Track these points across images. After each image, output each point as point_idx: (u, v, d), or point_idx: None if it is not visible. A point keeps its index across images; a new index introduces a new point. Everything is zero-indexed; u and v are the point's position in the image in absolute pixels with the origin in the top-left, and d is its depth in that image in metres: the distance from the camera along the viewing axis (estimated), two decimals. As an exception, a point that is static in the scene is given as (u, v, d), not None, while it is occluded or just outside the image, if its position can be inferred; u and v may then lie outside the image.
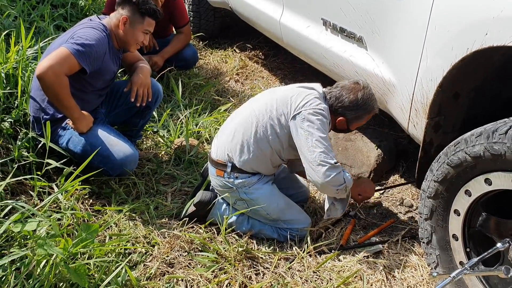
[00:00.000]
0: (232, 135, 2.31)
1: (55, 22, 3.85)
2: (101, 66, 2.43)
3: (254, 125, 2.26)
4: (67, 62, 2.24)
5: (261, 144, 2.25)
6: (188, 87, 3.77)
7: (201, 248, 2.23)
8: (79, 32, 2.36)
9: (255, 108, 2.31)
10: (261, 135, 2.25)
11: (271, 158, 2.31)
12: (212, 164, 2.38)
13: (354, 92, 2.27)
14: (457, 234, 1.85)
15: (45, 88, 2.25)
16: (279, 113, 2.23)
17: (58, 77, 2.22)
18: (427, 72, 1.99)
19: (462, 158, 1.71)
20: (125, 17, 2.49)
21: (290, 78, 4.23)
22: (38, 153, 2.47)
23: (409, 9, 2.07)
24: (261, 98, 2.37)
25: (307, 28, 2.93)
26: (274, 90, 2.42)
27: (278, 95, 2.30)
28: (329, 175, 2.09)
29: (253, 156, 2.27)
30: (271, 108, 2.26)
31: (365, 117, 2.33)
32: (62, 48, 2.27)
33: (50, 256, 1.74)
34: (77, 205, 2.35)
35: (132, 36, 2.53)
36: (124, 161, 2.45)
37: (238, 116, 2.39)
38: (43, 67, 2.19)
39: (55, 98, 2.30)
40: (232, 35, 5.01)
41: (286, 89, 2.35)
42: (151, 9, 2.53)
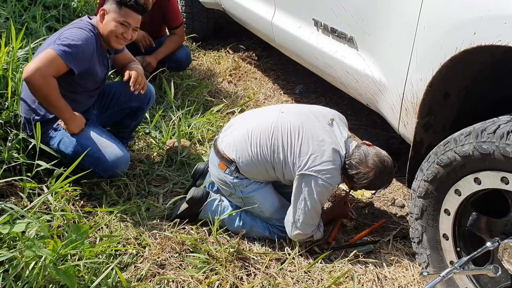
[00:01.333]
0: (246, 140, 2.27)
1: (47, 24, 3.83)
2: (89, 66, 2.41)
3: (270, 149, 2.23)
4: (54, 64, 2.23)
5: (267, 165, 2.25)
6: (181, 88, 3.76)
7: (192, 249, 2.22)
8: (65, 33, 2.34)
9: (278, 131, 2.24)
10: (271, 160, 2.24)
11: (273, 177, 2.33)
12: (216, 154, 2.35)
13: (369, 179, 2.20)
14: (448, 233, 1.85)
15: (34, 90, 2.24)
16: (294, 161, 2.18)
17: (45, 79, 2.20)
18: (417, 71, 2.00)
19: (452, 157, 1.72)
20: (103, 10, 2.45)
21: (283, 79, 4.23)
22: (29, 154, 2.46)
23: (399, 9, 2.08)
24: (288, 121, 2.26)
25: (299, 28, 2.93)
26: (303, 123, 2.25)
27: (303, 136, 2.20)
28: (297, 237, 2.27)
29: (257, 170, 2.28)
30: (289, 147, 2.20)
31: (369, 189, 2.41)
32: (48, 49, 2.25)
33: (39, 257, 1.72)
34: (68, 207, 2.34)
35: (108, 26, 2.43)
36: (115, 163, 2.43)
37: (259, 123, 2.32)
38: (30, 69, 2.18)
39: (45, 100, 2.28)
40: (225, 36, 5.01)
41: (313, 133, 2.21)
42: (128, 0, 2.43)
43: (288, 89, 4.06)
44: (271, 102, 3.81)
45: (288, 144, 2.21)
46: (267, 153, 2.23)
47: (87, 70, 2.41)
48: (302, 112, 2.35)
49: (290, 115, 2.31)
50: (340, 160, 2.20)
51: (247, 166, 2.27)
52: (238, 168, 2.28)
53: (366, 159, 2.20)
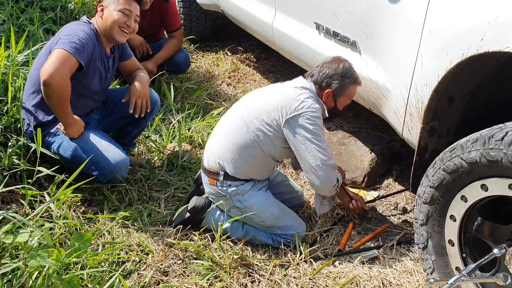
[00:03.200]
0: (221, 142, 2.29)
1: (45, 26, 3.80)
2: (91, 61, 2.39)
3: (244, 131, 2.23)
4: (68, 63, 2.21)
5: (252, 150, 2.23)
6: (180, 91, 3.74)
7: (195, 256, 2.21)
8: (65, 32, 2.34)
9: (243, 114, 2.27)
10: (252, 141, 2.22)
11: (264, 163, 2.30)
12: (204, 173, 2.36)
13: (335, 62, 2.30)
14: (453, 239, 1.85)
15: (51, 93, 2.21)
16: (270, 119, 2.20)
17: (64, 81, 2.20)
18: (422, 77, 1.99)
19: (458, 164, 1.71)
20: (101, 5, 2.46)
21: (282, 81, 4.15)
22: (30, 159, 2.43)
23: (404, 14, 2.07)
24: (248, 102, 2.34)
25: (300, 32, 2.92)
26: (260, 92, 2.38)
27: (266, 98, 2.27)
28: (328, 177, 2.21)
29: (245, 162, 2.25)
30: (260, 113, 2.22)
31: (350, 88, 2.32)
32: (58, 50, 2.22)
33: (43, 267, 1.70)
34: (69, 213, 2.32)
35: (110, 18, 2.42)
36: (115, 167, 2.41)
37: (226, 123, 2.36)
38: (49, 72, 2.15)
39: (57, 103, 2.25)
40: (223, 37, 4.99)
41: (272, 91, 2.32)
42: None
43: (288, 91, 4.04)
44: (271, 105, 3.79)
45: (257, 111, 2.23)
46: (245, 136, 2.23)
47: (90, 66, 2.39)
48: (255, 91, 2.48)
49: (246, 98, 2.41)
50: (307, 87, 2.27)
51: (233, 165, 2.25)
52: (227, 173, 2.27)
53: (324, 61, 2.34)
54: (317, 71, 2.32)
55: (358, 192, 2.74)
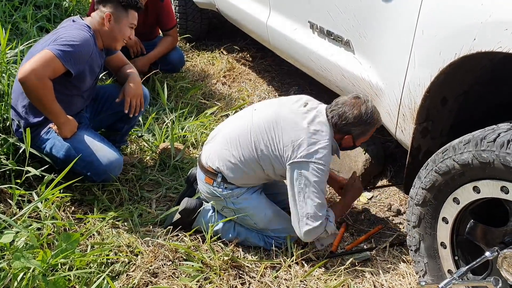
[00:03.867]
0: (226, 149, 2.24)
1: (38, 24, 3.77)
2: (85, 67, 2.37)
3: (251, 148, 2.18)
4: (51, 65, 2.17)
5: (254, 166, 2.20)
6: (174, 90, 3.71)
7: (185, 257, 2.18)
8: (63, 34, 2.29)
9: (256, 125, 2.20)
10: (256, 160, 2.19)
11: (263, 178, 2.29)
12: (201, 170, 2.33)
13: (356, 107, 2.16)
14: (445, 242, 1.83)
15: (28, 92, 2.18)
16: (279, 152, 2.14)
17: (41, 80, 2.14)
18: (415, 77, 1.97)
19: (450, 165, 1.69)
20: (109, 14, 2.43)
21: (278, 80, 4.19)
22: (19, 159, 2.41)
23: (397, 13, 2.05)
24: (264, 119, 2.21)
25: (294, 30, 2.89)
26: (280, 113, 2.21)
27: (282, 126, 2.16)
28: (308, 235, 2.14)
29: (244, 174, 2.22)
30: (272, 134, 2.15)
31: (370, 131, 2.26)
32: (45, 50, 2.19)
33: (28, 269, 1.68)
34: (58, 213, 2.29)
35: (119, 31, 2.47)
36: (108, 167, 2.39)
37: (236, 126, 2.29)
38: (25, 70, 2.12)
39: (39, 103, 2.23)
40: (219, 36, 4.96)
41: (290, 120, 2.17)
42: (132, 1, 2.46)
43: (283, 90, 4.02)
44: (265, 104, 3.76)
45: (269, 138, 2.17)
46: (250, 153, 2.19)
47: (83, 71, 2.36)
48: (275, 103, 2.34)
49: (264, 109, 2.29)
50: (326, 131, 2.15)
51: (232, 173, 2.22)
52: (225, 177, 2.24)
53: (344, 100, 2.20)
54: (337, 113, 2.17)
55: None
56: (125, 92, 2.57)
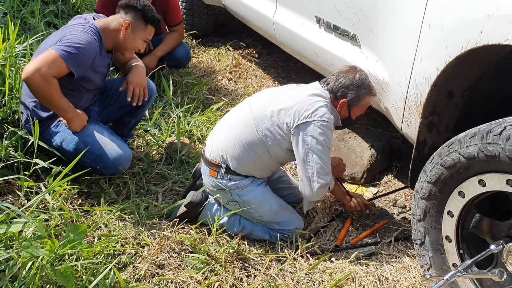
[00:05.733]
0: (228, 136, 2.26)
1: (46, 19, 3.79)
2: (89, 69, 2.38)
3: (253, 129, 2.21)
4: (55, 65, 2.18)
5: (258, 149, 2.22)
6: (180, 86, 3.72)
7: (191, 249, 2.20)
8: (69, 34, 2.30)
9: (255, 111, 2.25)
10: (259, 140, 2.20)
11: (267, 163, 2.29)
12: (205, 163, 2.34)
13: (351, 72, 2.27)
14: (451, 235, 1.83)
15: (34, 91, 2.20)
16: (281, 121, 2.18)
17: (45, 79, 2.15)
18: (421, 70, 1.97)
19: (456, 159, 1.69)
20: (128, 22, 2.45)
21: (284, 77, 4.20)
22: (28, 151, 2.43)
23: (403, 7, 2.05)
24: (261, 100, 2.31)
25: (301, 25, 2.90)
26: (274, 92, 2.35)
27: (280, 99, 2.24)
28: (319, 192, 2.21)
29: (249, 160, 2.23)
30: (271, 113, 2.20)
31: (365, 99, 2.30)
32: (50, 50, 2.21)
33: (36, 258, 1.70)
34: (66, 205, 2.31)
35: (132, 42, 2.51)
36: (117, 160, 2.41)
37: (235, 116, 2.34)
38: (29, 70, 2.13)
39: (46, 101, 2.25)
40: (225, 33, 4.97)
41: (287, 93, 2.29)
42: (155, 17, 2.53)
43: (289, 87, 4.02)
44: (271, 100, 3.77)
45: (269, 112, 2.21)
46: (252, 134, 2.21)
47: (88, 73, 2.38)
48: (269, 90, 2.44)
49: (259, 95, 2.39)
50: (322, 95, 2.24)
51: (236, 160, 2.24)
52: (229, 167, 2.26)
53: (340, 70, 2.30)
54: (333, 80, 2.29)
55: (357, 188, 2.73)
56: (128, 80, 2.60)
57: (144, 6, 2.51)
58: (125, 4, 2.51)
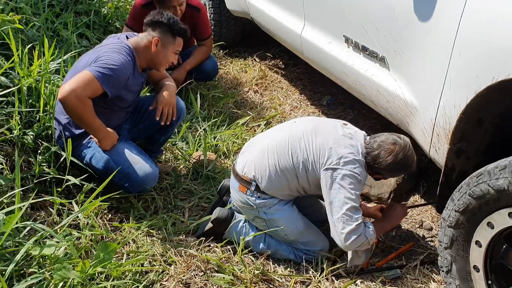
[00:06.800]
0: (263, 156, 2.28)
1: (79, 31, 3.88)
2: (123, 89, 2.44)
3: (289, 156, 2.22)
4: (90, 86, 2.25)
5: (289, 176, 2.23)
6: (207, 99, 3.77)
7: (217, 269, 2.22)
8: (104, 55, 2.36)
9: (294, 138, 2.25)
10: (292, 168, 2.22)
11: (295, 190, 2.30)
12: (235, 177, 2.37)
13: (392, 155, 2.17)
14: (478, 265, 1.81)
15: (68, 111, 2.27)
16: (315, 159, 2.18)
17: (80, 100, 2.22)
18: (450, 98, 1.95)
19: (485, 190, 1.67)
20: (157, 39, 2.50)
21: (310, 89, 4.20)
22: (60, 167, 2.50)
23: (434, 33, 2.03)
24: (303, 128, 2.29)
25: (329, 43, 2.90)
26: (319, 125, 2.30)
27: (319, 135, 2.23)
28: (349, 238, 2.12)
29: (279, 186, 2.26)
30: (308, 147, 2.20)
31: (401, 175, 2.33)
32: (85, 71, 2.27)
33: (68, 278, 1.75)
34: (96, 220, 2.36)
35: (164, 57, 2.56)
36: (144, 179, 2.46)
37: (274, 137, 2.34)
38: (66, 91, 2.20)
39: (79, 120, 2.31)
40: (252, 43, 4.99)
41: (328, 132, 2.25)
42: (182, 29, 2.56)
43: (315, 100, 4.03)
44: (297, 114, 3.78)
45: (306, 145, 2.21)
46: (286, 160, 2.22)
47: (121, 93, 2.44)
48: (315, 118, 2.42)
49: (303, 122, 2.37)
50: (359, 150, 2.19)
51: (267, 182, 2.26)
52: (259, 186, 2.28)
53: (386, 138, 2.21)
54: (372, 156, 2.19)
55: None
56: (158, 100, 2.64)
57: (169, 20, 2.54)
58: (151, 21, 2.55)
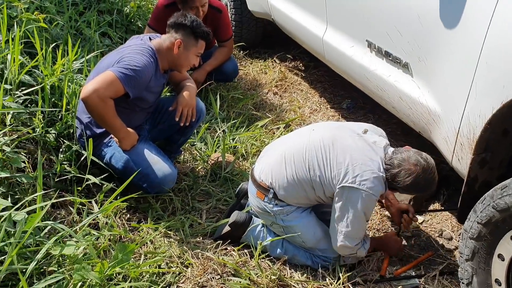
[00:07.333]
0: (280, 164, 2.26)
1: (101, 30, 3.92)
2: (145, 90, 2.46)
3: (306, 168, 2.20)
4: (112, 86, 2.27)
5: (306, 187, 2.22)
6: (227, 100, 3.77)
7: (233, 272, 2.22)
8: (127, 56, 2.38)
9: (311, 148, 2.21)
10: (309, 180, 2.20)
11: (311, 199, 2.29)
12: (253, 183, 2.36)
13: (413, 176, 2.10)
14: (500, 279, 1.78)
15: (90, 110, 2.29)
16: (332, 175, 2.14)
17: (102, 100, 2.25)
18: (475, 107, 1.92)
19: (509, 203, 1.64)
20: (180, 41, 2.52)
21: (330, 92, 4.18)
22: (80, 165, 2.53)
23: (460, 41, 2.00)
24: (320, 137, 2.23)
25: (351, 48, 2.88)
26: (338, 134, 2.23)
27: (337, 147, 2.17)
28: (342, 249, 2.23)
29: (296, 195, 2.25)
30: (325, 162, 2.16)
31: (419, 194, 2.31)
32: (108, 71, 2.29)
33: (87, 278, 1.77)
34: (115, 220, 2.38)
35: (186, 59, 2.57)
36: (163, 180, 2.47)
37: (292, 144, 2.31)
38: (88, 90, 2.22)
39: (100, 120, 2.34)
40: (272, 44, 4.98)
41: (347, 144, 2.18)
42: (204, 32, 2.58)
43: (335, 103, 4.00)
44: (317, 117, 3.76)
45: (324, 159, 2.17)
46: (303, 172, 2.20)
47: (142, 94, 2.46)
48: (333, 126, 2.35)
49: (321, 131, 2.30)
50: (379, 166, 2.13)
51: (284, 191, 2.25)
52: (276, 194, 2.27)
53: (408, 157, 2.14)
54: (392, 173, 2.12)
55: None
56: (178, 101, 2.66)
57: (192, 22, 2.55)
58: (174, 23, 2.57)
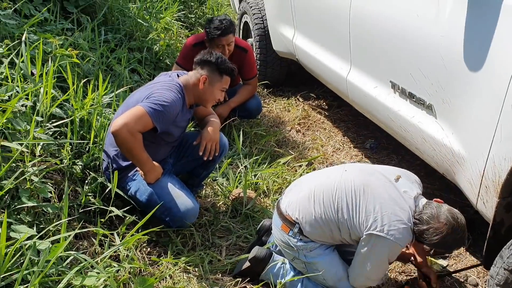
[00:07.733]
0: (309, 201, 2.25)
1: (131, 66, 4.04)
2: (171, 125, 2.52)
3: (334, 210, 2.19)
4: (142, 121, 2.34)
5: (333, 227, 2.21)
6: (250, 136, 3.81)
7: (252, 311, 2.20)
8: (156, 92, 2.46)
9: (341, 190, 2.20)
10: (336, 222, 2.19)
11: (337, 239, 2.27)
12: (279, 216, 2.35)
13: (440, 235, 2.07)
14: (528, 328, 1.72)
15: (119, 143, 2.36)
16: (360, 221, 2.13)
17: (132, 134, 2.31)
18: (501, 150, 1.91)
19: (537, 249, 1.60)
20: (205, 77, 2.60)
21: (353, 131, 4.18)
22: (104, 197, 2.57)
23: (484, 84, 2.00)
24: (351, 180, 2.22)
25: (375, 88, 2.90)
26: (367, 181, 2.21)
27: (368, 194, 2.15)
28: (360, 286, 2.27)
29: (322, 233, 2.24)
30: (354, 208, 2.15)
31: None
32: (138, 107, 2.37)
33: (106, 311, 1.77)
34: (136, 253, 2.39)
35: (211, 94, 2.65)
36: (185, 214, 2.50)
37: (322, 182, 2.30)
38: (119, 124, 2.29)
39: (128, 153, 2.40)
40: (296, 83, 5.04)
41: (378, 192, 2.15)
42: (229, 68, 2.66)
43: (359, 142, 4.00)
44: (339, 156, 3.76)
45: (353, 203, 2.16)
46: (331, 213, 2.19)
47: (168, 129, 2.52)
48: (366, 170, 2.32)
49: (354, 173, 2.28)
50: (409, 216, 2.11)
51: (310, 227, 2.23)
52: (302, 229, 2.25)
53: (438, 214, 2.10)
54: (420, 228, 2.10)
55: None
56: (202, 135, 2.71)
57: (217, 59, 2.65)
58: (200, 60, 2.67)
